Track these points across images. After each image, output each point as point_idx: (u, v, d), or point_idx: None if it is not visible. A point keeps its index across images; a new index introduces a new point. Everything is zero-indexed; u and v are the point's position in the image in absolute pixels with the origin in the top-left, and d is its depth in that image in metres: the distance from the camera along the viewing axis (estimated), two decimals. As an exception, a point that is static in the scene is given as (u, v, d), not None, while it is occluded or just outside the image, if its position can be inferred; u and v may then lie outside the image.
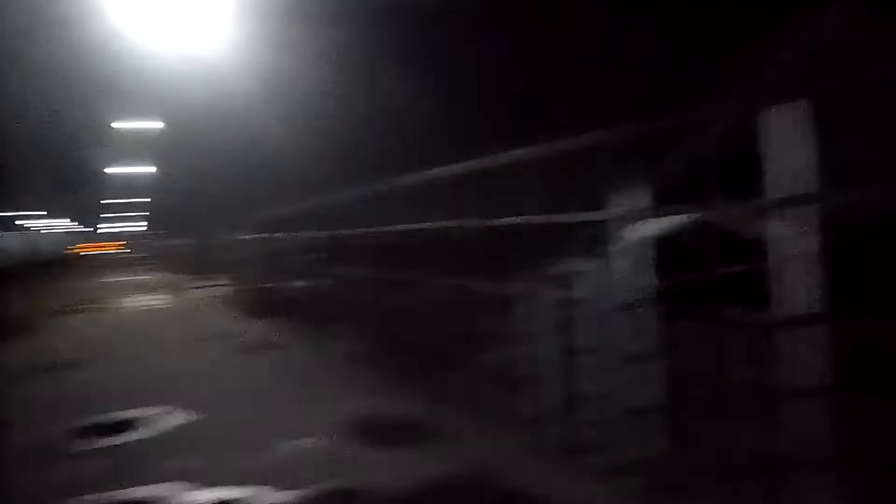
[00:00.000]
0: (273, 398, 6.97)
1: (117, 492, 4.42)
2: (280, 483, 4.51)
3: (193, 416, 6.24)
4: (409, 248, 7.98)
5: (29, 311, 19.42)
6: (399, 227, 8.15)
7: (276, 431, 5.75)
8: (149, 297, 20.15)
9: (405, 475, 4.64)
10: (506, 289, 5.75)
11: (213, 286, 20.23)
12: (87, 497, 4.34)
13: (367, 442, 5.43)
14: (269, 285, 14.14)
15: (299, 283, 13.41)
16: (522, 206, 5.50)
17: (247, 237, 17.96)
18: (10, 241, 51.28)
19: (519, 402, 5.45)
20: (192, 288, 22.72)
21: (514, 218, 5.57)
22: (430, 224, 7.26)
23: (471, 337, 6.38)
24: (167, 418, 6.22)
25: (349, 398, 6.87)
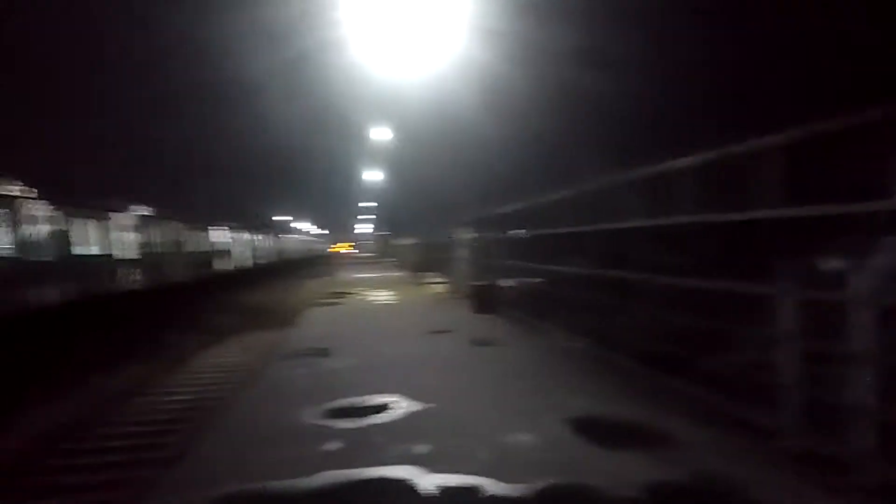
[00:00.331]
0: (497, 391, 7.09)
1: (356, 470, 4.78)
2: (505, 475, 4.55)
3: (423, 405, 6.57)
4: (639, 243, 7.64)
5: (287, 305, 22.07)
6: (625, 224, 7.84)
7: (500, 424, 5.84)
8: (379, 292, 21.81)
9: (631, 479, 4.44)
10: (753, 287, 5.24)
11: (437, 283, 21.28)
12: (329, 473, 4.75)
13: (591, 441, 5.29)
14: (490, 283, 14.50)
15: (520, 281, 13.58)
16: (759, 200, 4.98)
17: (469, 236, 18.62)
18: (287, 242, 59.84)
19: (764, 411, 4.94)
20: (417, 284, 24.15)
21: (758, 211, 5.05)
22: (660, 220, 6.88)
23: (716, 338, 5.92)
24: (400, 405, 6.62)
25: (572, 396, 6.77)
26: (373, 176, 56.98)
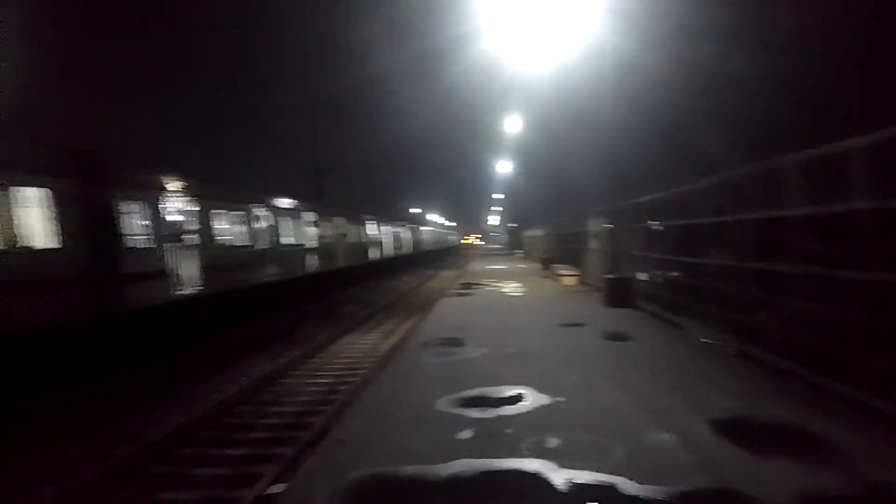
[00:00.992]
0: (632, 387, 6.85)
1: (487, 460, 4.80)
2: (641, 475, 4.38)
3: (554, 398, 6.48)
4: (794, 233, 7.06)
5: (421, 294, 22.57)
6: (781, 213, 7.27)
7: (636, 421, 5.64)
8: (509, 283, 21.81)
9: (781, 486, 4.11)
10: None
11: (568, 275, 20.93)
12: (461, 462, 4.80)
13: (736, 443, 4.96)
14: (624, 275, 14.05)
15: (656, 273, 13.05)
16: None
17: (601, 227, 18.15)
18: (424, 234, 63.05)
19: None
20: (547, 276, 23.89)
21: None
22: (826, 207, 6.31)
23: (882, 335, 5.38)
24: (531, 398, 6.57)
25: (715, 395, 6.40)
26: (502, 167, 57.25)
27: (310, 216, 23.91)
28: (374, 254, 34.96)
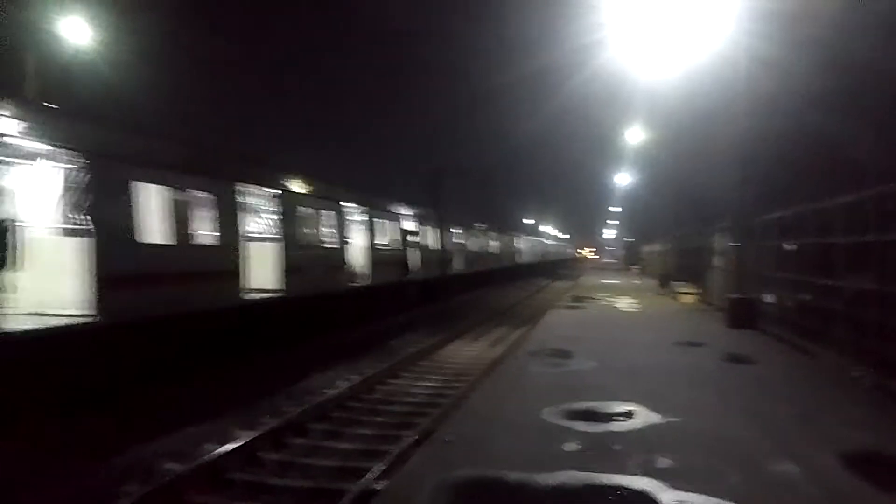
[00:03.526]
0: (753, 413, 6.45)
1: (594, 474, 4.68)
2: (759, 505, 4.12)
3: (667, 418, 6.23)
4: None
5: (533, 304, 22.44)
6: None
7: (756, 448, 5.32)
8: (623, 298, 21.20)
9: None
10: None
11: (687, 293, 20.04)
12: (566, 473, 4.72)
13: (868, 480, 4.55)
14: (749, 295, 13.26)
15: (779, 294, 12.24)
16: None
17: (726, 244, 17.28)
18: (543, 246, 64.16)
19: None
20: (664, 293, 23.02)
21: None
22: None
23: None
24: (641, 415, 6.36)
25: (847, 427, 5.92)
26: (620, 180, 55.82)
27: (459, 230, 28.49)
28: (488, 263, 36.17)
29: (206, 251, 11.02)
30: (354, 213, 17.58)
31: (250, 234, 12.58)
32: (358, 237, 17.73)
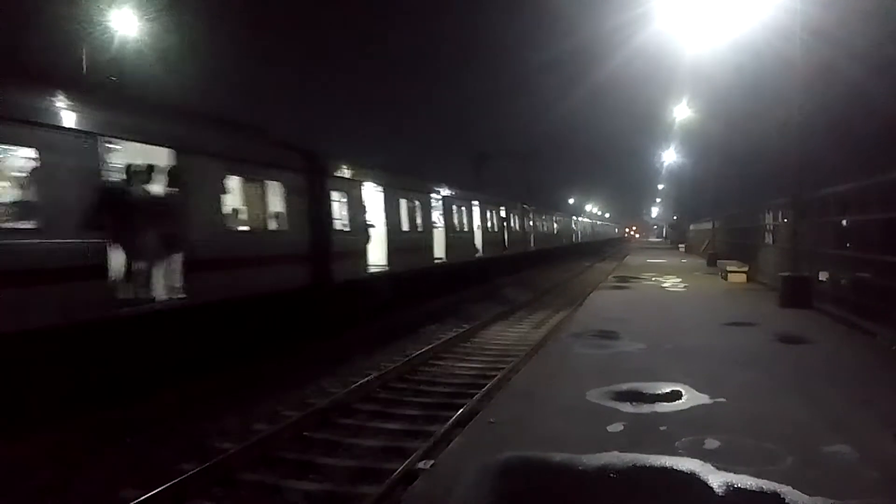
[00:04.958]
0: (806, 394, 6.26)
1: (640, 455, 4.61)
2: (813, 487, 3.99)
3: (715, 399, 6.09)
4: None
5: (579, 284, 22.22)
6: None
7: (809, 429, 5.16)
8: (669, 278, 20.78)
9: None
10: None
11: (736, 272, 19.51)
12: (612, 454, 4.66)
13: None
14: (802, 274, 12.83)
15: (836, 272, 11.83)
16: None
17: (777, 221, 16.77)
18: (592, 226, 64.64)
19: None
20: (712, 273, 22.49)
21: None
22: None
23: None
24: (688, 396, 6.24)
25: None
26: (667, 157, 54.58)
27: (523, 212, 31.74)
28: (551, 242, 37.73)
29: (423, 235, 18.36)
30: (478, 208, 24.47)
31: (435, 224, 19.53)
32: (476, 223, 24.20)
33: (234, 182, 10.33)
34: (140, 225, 8.35)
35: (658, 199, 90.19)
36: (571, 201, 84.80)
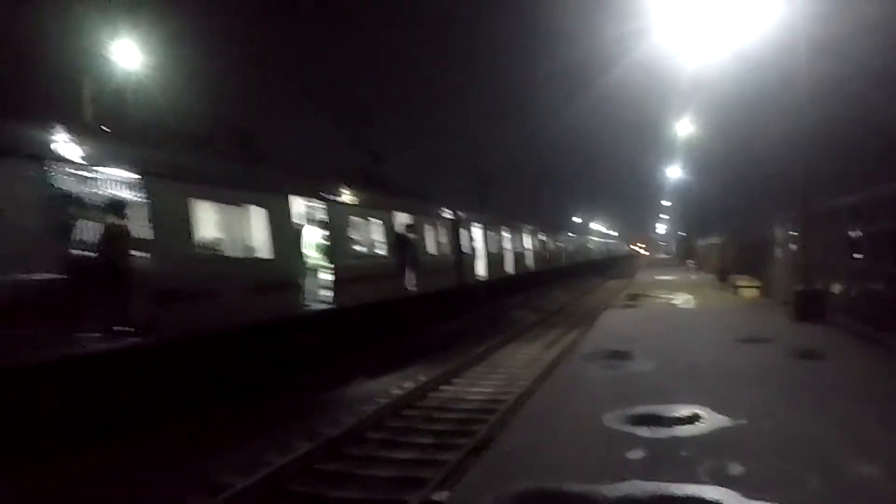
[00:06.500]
0: (828, 413, 6.10)
1: (661, 484, 4.46)
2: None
3: (734, 421, 5.94)
4: None
5: (587, 303, 22.01)
6: None
7: (835, 450, 5.01)
8: (679, 295, 20.59)
9: None
10: None
11: (746, 287, 19.34)
12: (631, 483, 4.52)
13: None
14: (815, 287, 12.66)
15: (849, 285, 11.66)
16: None
17: (787, 235, 16.62)
18: (594, 244, 64.60)
19: None
20: (722, 288, 22.29)
21: None
22: None
23: None
24: (707, 418, 6.09)
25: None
26: (671, 173, 54.52)
27: (528, 232, 33.64)
28: (535, 264, 36.73)
29: (500, 255, 26.38)
30: (529, 235, 31.86)
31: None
32: (528, 245, 31.90)
33: (431, 228, 18.58)
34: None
35: (664, 216, 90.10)
36: (579, 220, 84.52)
